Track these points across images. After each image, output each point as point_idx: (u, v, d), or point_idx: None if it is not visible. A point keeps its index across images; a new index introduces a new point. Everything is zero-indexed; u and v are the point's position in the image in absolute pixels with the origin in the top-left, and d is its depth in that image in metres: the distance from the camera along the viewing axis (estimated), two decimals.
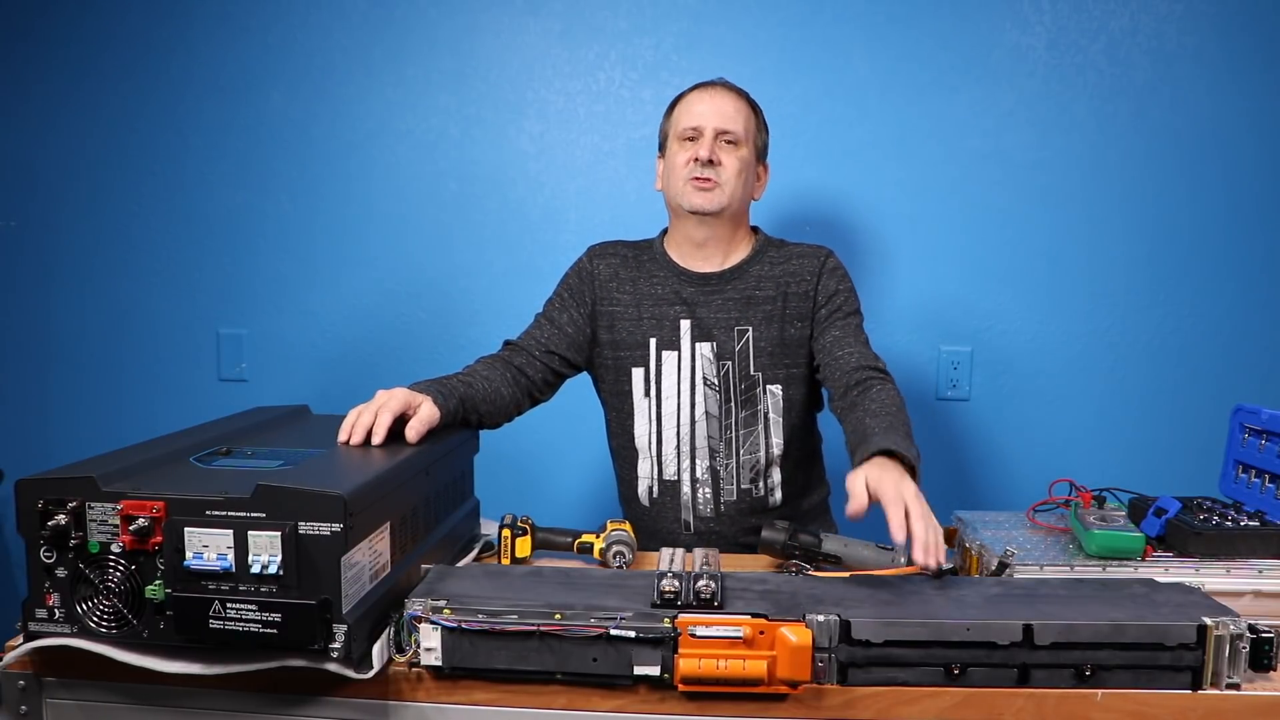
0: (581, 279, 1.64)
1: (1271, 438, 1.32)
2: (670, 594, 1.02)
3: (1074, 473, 1.43)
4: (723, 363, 1.56)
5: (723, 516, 1.59)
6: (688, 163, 1.54)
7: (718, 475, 1.58)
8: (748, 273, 1.59)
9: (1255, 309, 2.09)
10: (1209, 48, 2.04)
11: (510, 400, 1.52)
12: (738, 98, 1.58)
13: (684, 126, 1.56)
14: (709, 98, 1.57)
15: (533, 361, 1.57)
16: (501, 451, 1.75)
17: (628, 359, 1.60)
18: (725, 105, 1.56)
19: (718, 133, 1.54)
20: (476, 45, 2.16)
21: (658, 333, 1.59)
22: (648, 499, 1.63)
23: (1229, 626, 0.97)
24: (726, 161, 1.53)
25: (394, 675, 1.01)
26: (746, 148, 1.56)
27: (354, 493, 0.95)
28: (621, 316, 1.60)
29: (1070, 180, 2.09)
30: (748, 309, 1.57)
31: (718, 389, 1.57)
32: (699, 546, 1.52)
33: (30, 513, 0.97)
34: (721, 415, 1.57)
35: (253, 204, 2.23)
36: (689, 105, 1.58)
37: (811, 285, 1.57)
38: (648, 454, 1.61)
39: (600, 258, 1.65)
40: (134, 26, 2.20)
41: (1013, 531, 1.34)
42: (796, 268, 1.58)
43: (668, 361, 1.58)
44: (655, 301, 1.60)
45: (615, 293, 1.61)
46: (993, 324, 2.14)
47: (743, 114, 1.57)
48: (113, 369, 2.30)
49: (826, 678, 0.98)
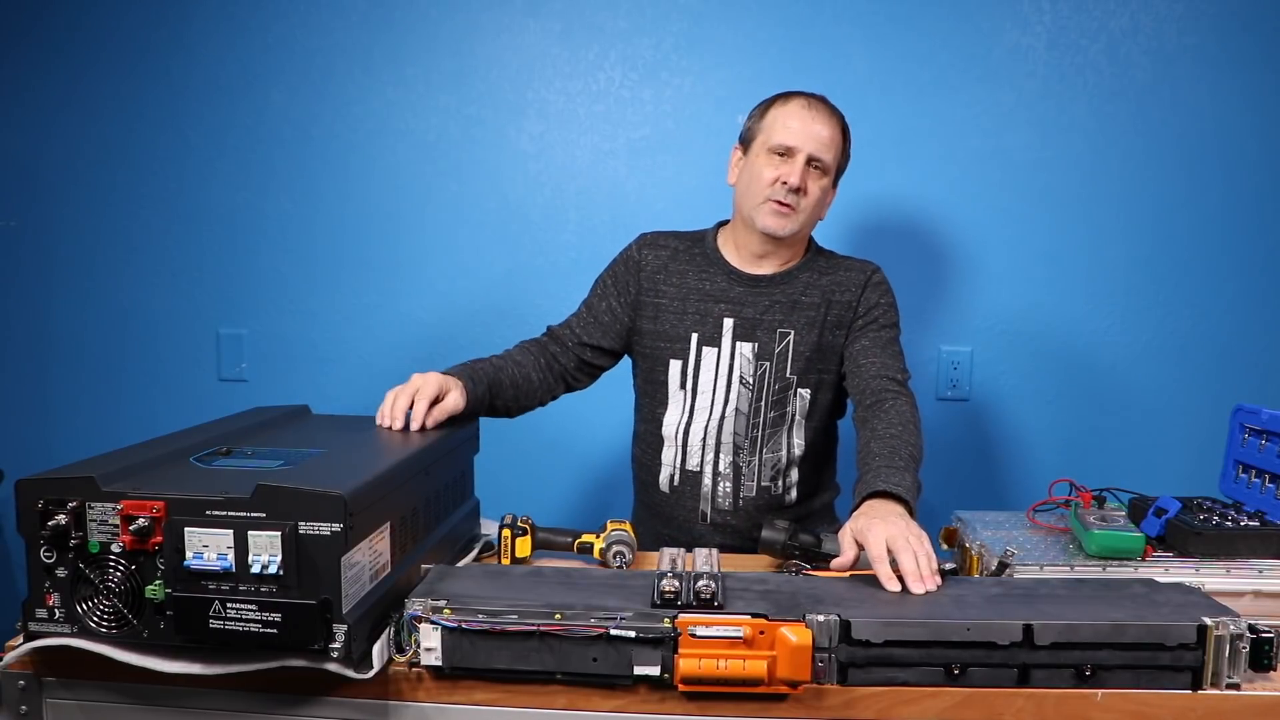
0: (628, 268, 1.64)
1: (1271, 438, 1.32)
2: (670, 594, 1.02)
3: (1074, 473, 1.43)
4: (761, 363, 1.57)
5: (739, 511, 1.60)
6: (774, 182, 1.51)
7: (740, 471, 1.59)
8: (796, 278, 1.59)
9: (1255, 309, 2.09)
10: (1209, 48, 2.04)
11: (540, 386, 1.57)
12: (836, 124, 1.55)
13: (778, 142, 1.51)
14: (811, 118, 1.52)
15: (566, 352, 1.62)
16: (501, 451, 1.75)
17: (667, 350, 1.60)
18: (824, 132, 1.52)
19: (810, 159, 1.51)
20: (476, 45, 2.16)
21: (700, 328, 1.59)
22: (668, 486, 1.63)
23: (1229, 626, 0.97)
24: (810, 189, 1.52)
25: (394, 675, 1.01)
26: (829, 177, 1.56)
27: (354, 493, 0.95)
28: (666, 309, 1.60)
29: (1070, 180, 2.09)
30: (792, 313, 1.57)
31: (751, 388, 1.57)
32: (714, 537, 1.58)
33: (30, 513, 0.97)
34: (751, 414, 1.58)
35: (253, 204, 2.23)
36: (788, 119, 1.52)
37: (855, 296, 1.58)
38: (674, 443, 1.62)
39: (650, 248, 1.64)
40: (134, 26, 2.20)
41: (1013, 531, 1.34)
42: (844, 279, 1.59)
43: (707, 357, 1.58)
44: (701, 297, 1.59)
45: (662, 284, 1.61)
46: (993, 324, 2.14)
47: (836, 143, 1.55)
48: (113, 369, 2.30)
49: (826, 678, 0.98)
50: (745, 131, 1.60)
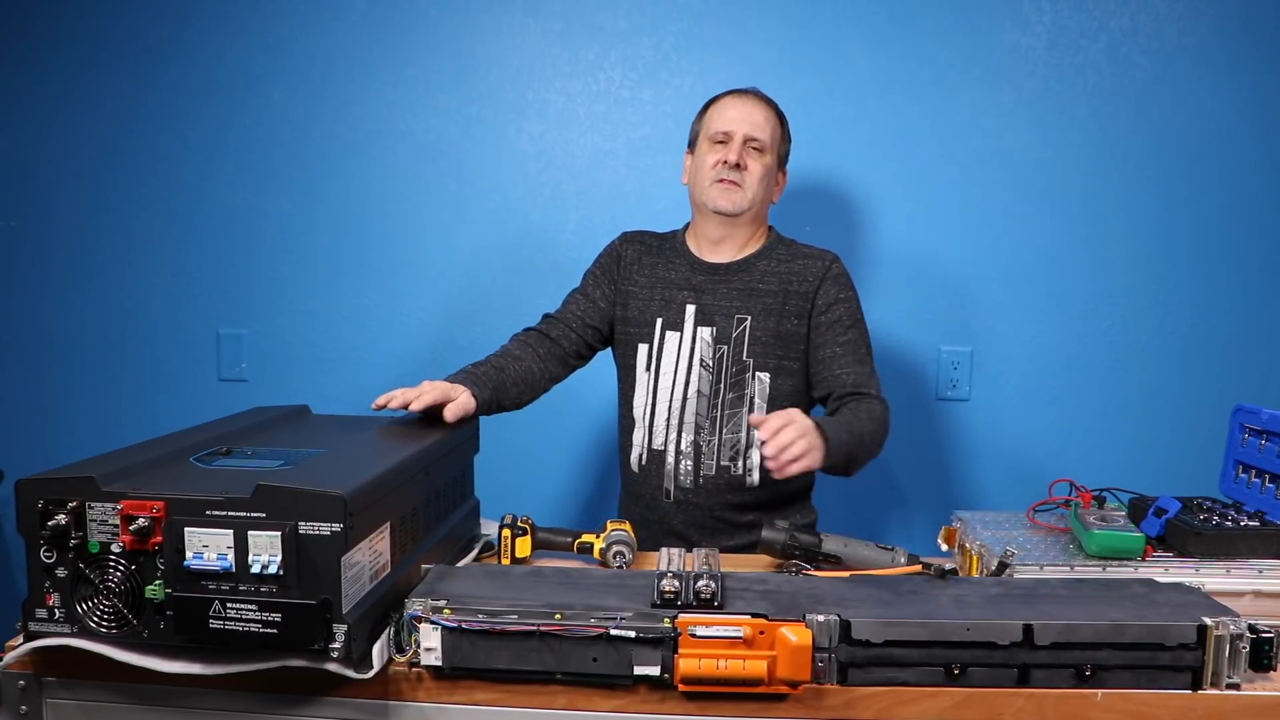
0: (611, 259, 1.77)
1: (1271, 438, 1.32)
2: (670, 594, 1.02)
3: (1074, 473, 1.43)
4: (719, 346, 1.66)
5: (701, 489, 1.67)
6: (716, 164, 1.64)
7: (700, 450, 1.66)
8: (754, 266, 1.68)
9: (1255, 309, 2.09)
10: (1209, 48, 2.04)
11: (542, 375, 1.65)
12: (768, 107, 1.68)
13: (715, 130, 1.66)
14: (741, 105, 1.66)
15: (569, 333, 1.71)
16: (501, 451, 1.76)
17: (636, 335, 1.71)
18: (756, 114, 1.65)
19: (746, 139, 1.64)
20: (476, 45, 2.16)
21: (664, 314, 1.70)
22: (637, 466, 1.72)
23: (1229, 626, 0.97)
24: (751, 167, 1.64)
25: (394, 675, 1.01)
26: (770, 155, 1.67)
27: (354, 493, 0.95)
28: (636, 296, 1.72)
29: (1070, 180, 2.09)
30: (749, 299, 1.66)
31: (711, 370, 1.66)
32: (678, 514, 1.68)
33: (30, 513, 0.97)
34: (711, 395, 1.66)
35: (253, 204, 2.23)
36: (722, 110, 1.67)
37: (813, 287, 1.65)
38: (642, 424, 1.71)
39: (629, 243, 1.78)
40: (134, 26, 2.20)
41: (1013, 531, 1.34)
42: (801, 268, 1.67)
43: (670, 340, 1.69)
44: (667, 285, 1.71)
45: (636, 275, 1.74)
46: (993, 324, 2.14)
47: (770, 123, 1.67)
48: (113, 369, 2.30)
49: (826, 678, 0.99)
50: (691, 136, 1.74)
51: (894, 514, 2.20)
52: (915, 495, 2.20)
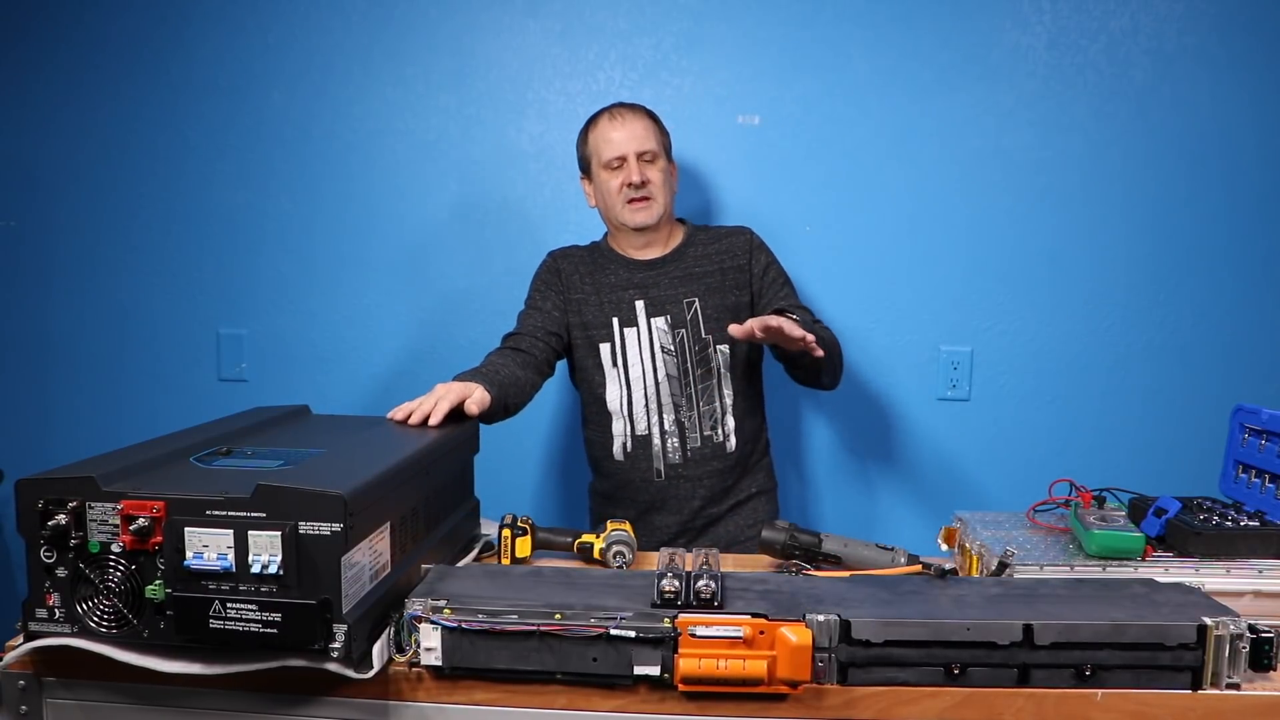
0: (551, 274, 1.86)
1: (1271, 438, 1.32)
2: (670, 594, 1.02)
3: (1074, 473, 1.43)
4: (677, 331, 1.79)
5: (689, 461, 1.79)
6: (621, 188, 1.76)
7: (683, 426, 1.79)
8: (686, 254, 1.83)
9: (1256, 309, 2.09)
10: (1209, 48, 2.04)
11: (527, 383, 1.70)
12: (644, 117, 1.80)
13: (607, 157, 1.77)
14: (621, 124, 1.77)
15: (535, 343, 1.76)
16: (501, 451, 1.76)
17: (595, 336, 1.81)
18: (636, 128, 1.77)
19: (638, 155, 1.76)
20: (476, 45, 2.16)
21: (618, 313, 1.81)
22: (622, 454, 1.82)
23: (1229, 626, 0.97)
24: (652, 176, 1.77)
25: (394, 675, 1.01)
26: (662, 158, 1.80)
27: (354, 493, 0.96)
28: (586, 303, 1.82)
29: (1070, 180, 2.09)
30: (692, 283, 1.80)
31: (675, 354, 1.79)
32: (667, 489, 1.78)
33: (30, 513, 0.97)
34: (680, 376, 1.79)
35: (253, 204, 2.23)
36: (605, 135, 1.78)
37: (745, 260, 1.82)
38: (621, 415, 1.81)
39: (562, 259, 1.88)
40: (134, 26, 2.20)
41: (1013, 531, 1.34)
42: (728, 245, 1.83)
43: (629, 336, 1.80)
44: (611, 288, 1.82)
45: (579, 284, 1.84)
46: (993, 324, 2.14)
47: (650, 130, 1.79)
48: (113, 369, 2.30)
49: (826, 678, 0.99)
50: (580, 161, 1.86)
51: (894, 514, 2.20)
52: (915, 495, 2.20)
